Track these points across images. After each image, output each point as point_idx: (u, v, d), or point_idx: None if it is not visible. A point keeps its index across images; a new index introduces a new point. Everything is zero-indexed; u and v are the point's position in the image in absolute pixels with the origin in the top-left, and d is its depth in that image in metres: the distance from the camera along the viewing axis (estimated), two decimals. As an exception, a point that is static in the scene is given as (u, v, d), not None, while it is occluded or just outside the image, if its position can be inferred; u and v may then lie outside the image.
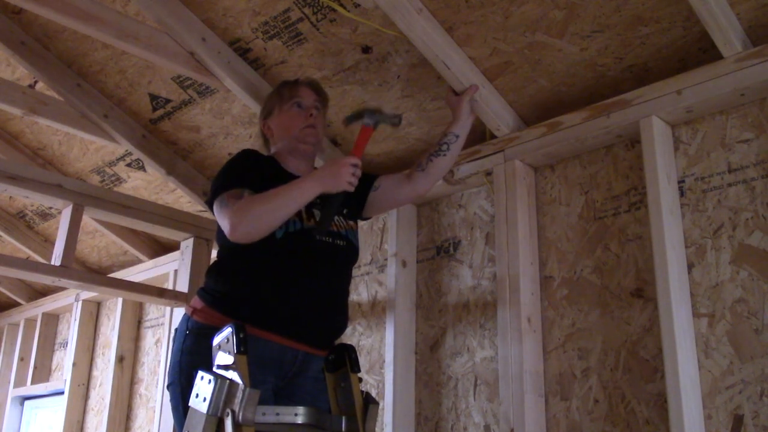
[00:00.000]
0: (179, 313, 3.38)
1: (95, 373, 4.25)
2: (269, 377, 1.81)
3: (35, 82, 3.12)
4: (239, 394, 1.58)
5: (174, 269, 3.65)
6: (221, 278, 1.92)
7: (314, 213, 1.94)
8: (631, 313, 2.09)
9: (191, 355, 1.81)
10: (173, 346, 1.89)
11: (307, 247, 1.89)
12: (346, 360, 1.87)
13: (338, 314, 1.98)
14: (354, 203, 2.16)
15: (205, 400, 1.59)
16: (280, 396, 1.87)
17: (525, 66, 2.26)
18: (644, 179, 2.06)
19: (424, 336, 2.64)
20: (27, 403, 4.70)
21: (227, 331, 1.68)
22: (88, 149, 3.51)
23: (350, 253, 2.02)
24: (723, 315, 1.90)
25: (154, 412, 3.65)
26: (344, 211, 2.07)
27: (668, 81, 2.04)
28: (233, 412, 1.57)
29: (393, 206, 2.54)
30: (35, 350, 4.64)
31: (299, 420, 1.67)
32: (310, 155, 2.15)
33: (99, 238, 4.16)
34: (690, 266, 1.99)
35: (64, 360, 4.49)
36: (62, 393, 4.27)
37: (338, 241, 1.96)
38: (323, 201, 1.90)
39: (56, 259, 3.04)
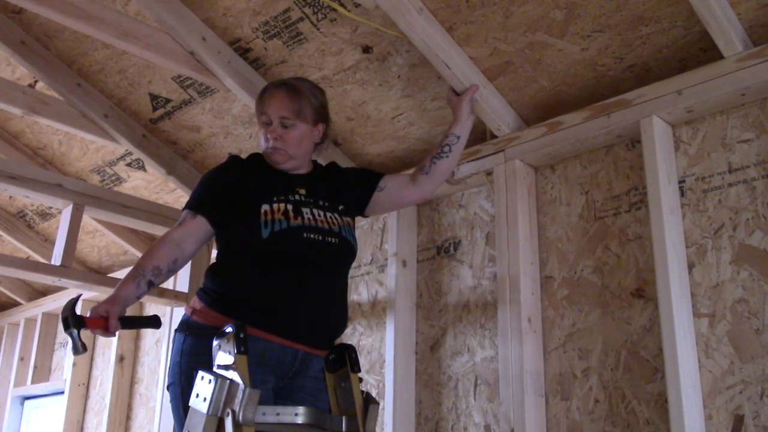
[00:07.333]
0: (179, 312, 3.38)
1: (95, 372, 4.25)
2: (269, 377, 1.80)
3: (35, 81, 3.12)
4: (239, 394, 1.58)
5: (174, 269, 3.65)
6: (219, 279, 1.92)
7: (302, 211, 1.94)
8: (632, 313, 2.09)
9: (191, 356, 1.81)
10: (173, 346, 1.88)
11: (295, 246, 1.88)
12: (347, 360, 1.87)
13: (335, 313, 1.96)
14: (356, 200, 2.16)
15: (205, 400, 1.59)
16: (281, 396, 1.87)
17: (525, 66, 2.26)
18: (645, 179, 2.06)
19: (424, 336, 2.64)
20: (27, 402, 4.70)
21: (228, 331, 1.68)
22: (89, 149, 3.51)
23: (344, 250, 2.00)
24: (723, 315, 1.90)
25: (154, 411, 3.65)
26: (339, 208, 2.06)
27: (669, 81, 2.04)
28: (233, 412, 1.57)
29: (397, 208, 2.54)
30: (35, 350, 4.64)
31: (299, 420, 1.67)
32: (288, 167, 2.07)
33: (99, 237, 4.16)
34: (690, 266, 1.99)
35: (64, 360, 4.48)
36: (62, 393, 4.27)
37: (329, 238, 1.94)
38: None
39: (56, 259, 3.04)
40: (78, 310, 1.79)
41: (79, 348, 1.76)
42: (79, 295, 1.83)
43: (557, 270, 2.31)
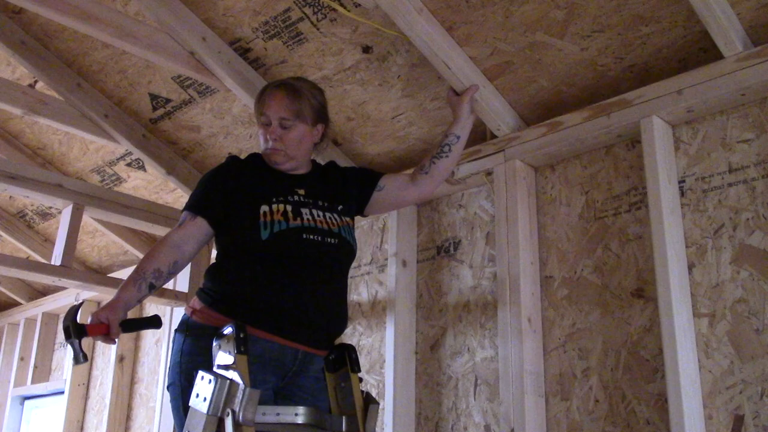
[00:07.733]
0: (179, 312, 3.38)
1: (95, 372, 4.25)
2: (269, 377, 1.80)
3: (35, 81, 3.12)
4: (239, 394, 1.58)
5: (174, 269, 3.65)
6: (218, 279, 1.92)
7: (301, 212, 1.94)
8: (632, 313, 2.09)
9: (191, 356, 1.81)
10: (173, 346, 1.88)
11: (294, 247, 1.88)
12: (347, 360, 1.87)
13: (335, 313, 1.96)
14: (355, 199, 2.16)
15: (205, 400, 1.59)
16: (281, 396, 1.87)
17: (525, 66, 2.26)
18: (645, 179, 2.06)
19: (424, 336, 2.64)
20: (27, 402, 4.70)
21: (228, 330, 1.68)
22: (88, 149, 3.51)
23: (344, 250, 1.99)
24: (723, 315, 1.90)
25: (154, 411, 3.65)
26: (339, 208, 2.06)
27: (669, 81, 2.04)
28: (233, 412, 1.57)
29: (396, 207, 2.54)
30: (35, 350, 4.64)
31: (299, 420, 1.67)
32: (287, 168, 2.07)
33: (99, 237, 4.16)
34: (690, 266, 1.99)
35: (64, 360, 4.49)
36: (62, 393, 4.27)
37: (329, 239, 1.94)
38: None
39: (56, 259, 3.04)
40: (79, 316, 1.79)
41: (80, 358, 1.76)
42: (81, 303, 1.82)
43: (557, 270, 2.31)
